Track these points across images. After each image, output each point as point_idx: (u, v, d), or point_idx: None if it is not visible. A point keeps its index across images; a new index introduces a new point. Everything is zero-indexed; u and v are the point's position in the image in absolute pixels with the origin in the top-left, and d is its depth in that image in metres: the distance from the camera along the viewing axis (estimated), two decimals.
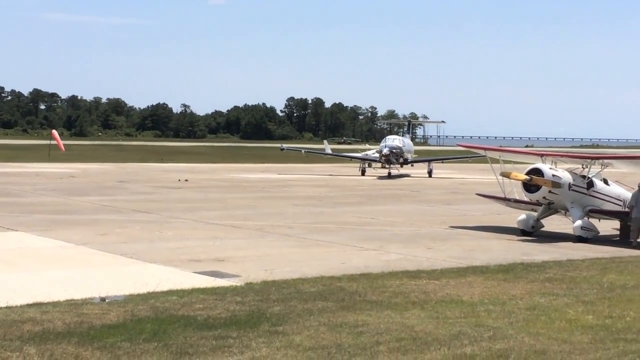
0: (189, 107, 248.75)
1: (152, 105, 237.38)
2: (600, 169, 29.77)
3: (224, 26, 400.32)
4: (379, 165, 70.09)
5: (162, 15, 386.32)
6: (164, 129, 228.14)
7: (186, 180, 53.66)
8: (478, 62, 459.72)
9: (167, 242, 24.47)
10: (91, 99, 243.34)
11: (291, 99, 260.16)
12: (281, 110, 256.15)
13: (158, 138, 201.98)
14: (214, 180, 55.52)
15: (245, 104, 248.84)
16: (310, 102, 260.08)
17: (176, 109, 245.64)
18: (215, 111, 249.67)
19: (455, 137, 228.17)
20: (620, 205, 28.91)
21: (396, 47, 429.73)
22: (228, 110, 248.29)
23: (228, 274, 19.11)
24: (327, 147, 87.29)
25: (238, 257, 21.93)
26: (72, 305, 14.89)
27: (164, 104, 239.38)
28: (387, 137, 73.18)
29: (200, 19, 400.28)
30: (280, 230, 27.99)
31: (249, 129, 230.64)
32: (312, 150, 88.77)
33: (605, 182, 29.82)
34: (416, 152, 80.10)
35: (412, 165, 73.14)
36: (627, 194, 28.92)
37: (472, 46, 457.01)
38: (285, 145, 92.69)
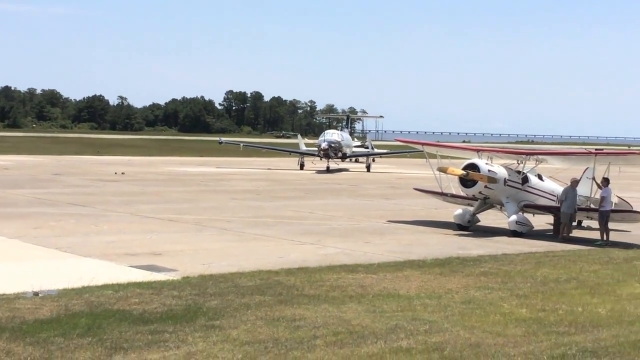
0: (126, 99, 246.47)
1: (89, 97, 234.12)
2: (534, 165, 30.26)
3: (162, 18, 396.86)
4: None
5: (100, 6, 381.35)
6: (100, 121, 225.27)
7: (123, 173, 53.06)
8: (417, 58, 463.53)
9: (102, 236, 24.16)
10: (25, 89, 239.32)
11: (230, 92, 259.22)
12: (220, 104, 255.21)
13: (94, 130, 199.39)
14: (151, 174, 55.00)
15: (184, 97, 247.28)
16: (249, 95, 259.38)
17: (113, 101, 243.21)
18: (153, 104, 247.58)
19: (393, 132, 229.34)
20: (554, 201, 29.41)
21: (335, 41, 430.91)
22: (166, 103, 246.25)
23: (165, 268, 18.95)
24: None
25: (175, 251, 21.76)
26: (4, 299, 14.61)
27: (101, 95, 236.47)
28: (326, 132, 73.36)
29: (138, 10, 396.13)
30: (218, 224, 27.85)
31: (187, 122, 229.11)
32: (251, 144, 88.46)
33: (540, 177, 30.34)
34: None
35: (350, 160, 73.41)
36: (560, 190, 29.43)
37: (410, 42, 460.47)
38: (223, 139, 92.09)
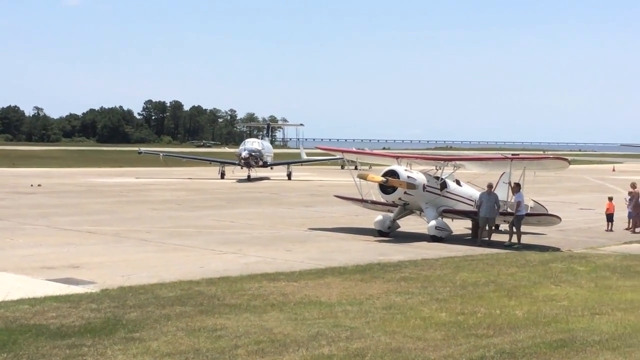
0: (42, 110, 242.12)
1: (3, 108, 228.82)
2: (452, 171, 30.71)
3: (78, 27, 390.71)
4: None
5: (14, 14, 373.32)
6: (15, 132, 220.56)
7: (39, 185, 52.03)
8: (335, 65, 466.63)
9: (18, 249, 23.62)
10: None
11: (149, 101, 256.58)
12: (139, 113, 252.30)
13: (9, 142, 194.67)
14: (69, 185, 54.04)
15: (102, 107, 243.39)
16: (168, 105, 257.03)
17: (28, 111, 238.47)
18: (70, 114, 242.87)
19: (314, 139, 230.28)
20: (472, 205, 29.90)
21: (255, 50, 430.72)
22: (83, 113, 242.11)
23: (83, 280, 18.62)
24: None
25: (94, 263, 21.39)
26: None
27: (15, 106, 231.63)
28: (247, 140, 73.31)
29: (54, 19, 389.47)
30: (138, 235, 27.51)
31: (106, 133, 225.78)
32: (171, 154, 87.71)
33: (458, 183, 30.81)
34: (276, 155, 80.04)
35: (271, 168, 73.43)
36: (478, 194, 29.92)
37: (329, 50, 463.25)
38: (143, 149, 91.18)
